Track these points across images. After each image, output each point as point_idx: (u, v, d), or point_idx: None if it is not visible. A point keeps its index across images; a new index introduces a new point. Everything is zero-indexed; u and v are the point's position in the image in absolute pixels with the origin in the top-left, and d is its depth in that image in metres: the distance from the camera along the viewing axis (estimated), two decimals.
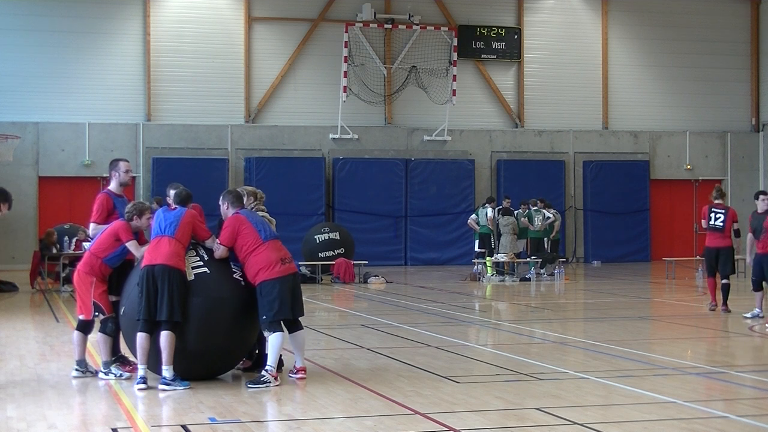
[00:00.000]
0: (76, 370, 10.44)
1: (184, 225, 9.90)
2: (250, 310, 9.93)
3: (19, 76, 28.80)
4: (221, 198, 10.40)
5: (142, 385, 9.62)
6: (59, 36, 29.18)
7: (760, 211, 15.51)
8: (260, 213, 10.61)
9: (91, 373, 10.41)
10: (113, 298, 10.27)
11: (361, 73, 30.85)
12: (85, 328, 10.34)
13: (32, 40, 28.97)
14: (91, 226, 10.73)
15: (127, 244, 10.16)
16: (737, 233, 16.59)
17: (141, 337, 9.66)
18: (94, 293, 10.14)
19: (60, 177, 29.16)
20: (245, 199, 10.57)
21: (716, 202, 16.72)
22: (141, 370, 9.72)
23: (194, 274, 9.84)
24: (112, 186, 10.96)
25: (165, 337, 9.56)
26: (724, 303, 16.57)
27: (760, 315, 15.55)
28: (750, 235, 15.61)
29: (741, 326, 15.01)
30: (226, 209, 10.30)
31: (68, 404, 9.18)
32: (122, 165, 11.00)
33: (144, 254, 9.90)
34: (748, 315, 15.67)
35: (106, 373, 10.24)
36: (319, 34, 31.05)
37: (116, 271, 10.32)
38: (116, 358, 10.53)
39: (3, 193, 10.38)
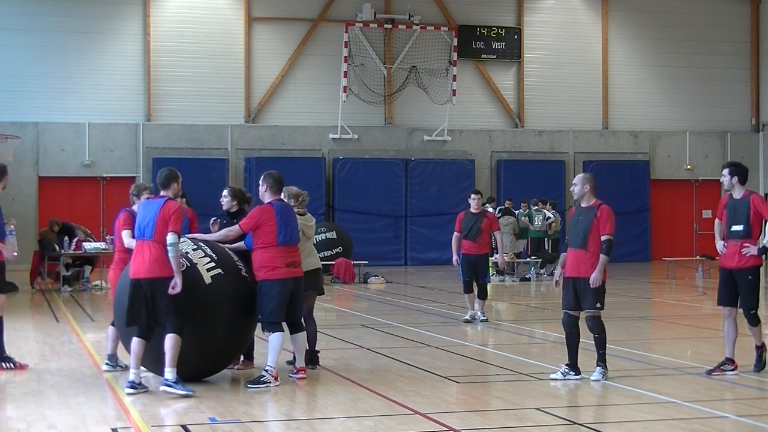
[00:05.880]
0: (107, 364, 10.71)
1: (159, 224, 9.51)
2: (250, 310, 9.91)
3: (19, 76, 28.78)
4: (261, 179, 10.17)
5: (131, 390, 9.44)
6: (59, 36, 29.17)
7: (473, 211, 15.31)
8: (298, 217, 10.45)
9: (121, 367, 10.60)
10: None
11: (361, 73, 30.84)
12: None
13: (32, 40, 28.95)
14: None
15: (121, 233, 10.34)
16: None
17: (136, 343, 9.47)
18: None
19: (60, 177, 29.16)
20: (286, 200, 10.47)
21: None
22: (132, 375, 9.52)
23: (210, 277, 9.65)
24: None
25: (170, 339, 9.37)
26: None
27: (480, 317, 15.27)
28: (456, 234, 15.29)
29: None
30: (264, 191, 10.10)
31: (68, 404, 9.17)
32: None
33: (130, 262, 9.70)
34: (466, 316, 15.46)
35: (112, 366, 10.59)
36: (319, 34, 31.04)
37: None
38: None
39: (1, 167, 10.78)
